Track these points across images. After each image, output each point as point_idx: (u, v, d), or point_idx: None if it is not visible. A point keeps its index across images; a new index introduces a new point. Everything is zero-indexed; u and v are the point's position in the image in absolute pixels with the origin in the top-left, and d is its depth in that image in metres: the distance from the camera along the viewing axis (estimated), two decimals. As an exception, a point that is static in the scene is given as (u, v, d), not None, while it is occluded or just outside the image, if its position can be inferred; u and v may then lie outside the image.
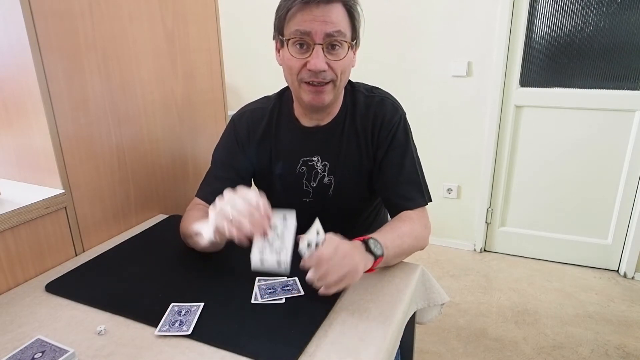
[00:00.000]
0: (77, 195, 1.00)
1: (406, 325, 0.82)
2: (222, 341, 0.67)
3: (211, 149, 1.07)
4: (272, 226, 0.74)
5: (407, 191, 0.97)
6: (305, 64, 0.86)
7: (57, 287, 0.85)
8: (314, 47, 0.85)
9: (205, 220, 0.83)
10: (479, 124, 2.36)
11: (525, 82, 2.25)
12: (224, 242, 0.84)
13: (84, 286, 0.85)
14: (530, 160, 2.34)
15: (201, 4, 1.33)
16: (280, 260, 0.70)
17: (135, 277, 0.87)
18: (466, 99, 2.34)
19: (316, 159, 1.00)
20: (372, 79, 1.11)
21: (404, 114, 1.01)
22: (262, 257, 0.70)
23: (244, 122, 1.04)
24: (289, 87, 1.01)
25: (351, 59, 0.91)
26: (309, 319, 0.72)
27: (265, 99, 1.08)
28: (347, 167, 1.00)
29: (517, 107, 2.28)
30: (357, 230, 0.82)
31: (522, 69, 2.23)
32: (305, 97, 0.90)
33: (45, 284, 0.86)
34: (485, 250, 2.56)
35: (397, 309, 0.77)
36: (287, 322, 0.72)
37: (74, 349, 0.66)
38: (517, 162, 2.37)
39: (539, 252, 2.44)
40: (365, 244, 0.79)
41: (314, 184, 1.02)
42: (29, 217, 0.89)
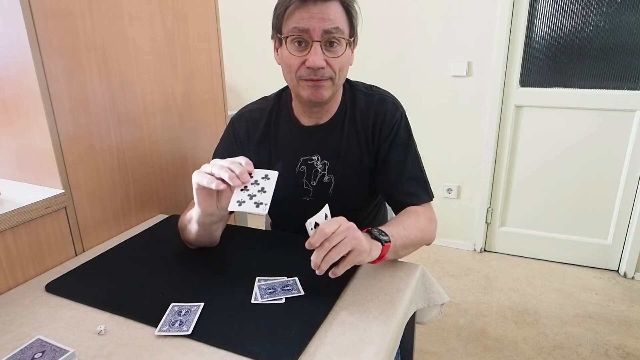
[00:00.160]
0: (77, 195, 1.00)
1: (406, 325, 0.82)
2: (222, 341, 0.67)
3: (211, 149, 1.07)
4: (254, 182, 0.74)
5: (411, 188, 0.97)
6: (303, 62, 0.87)
7: (57, 287, 0.85)
8: (312, 45, 0.85)
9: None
10: (479, 124, 2.36)
11: (525, 82, 2.25)
12: (212, 220, 0.84)
13: (84, 286, 0.84)
14: (530, 160, 2.34)
15: (201, 4, 1.33)
16: (259, 201, 0.71)
17: (135, 277, 0.87)
18: (466, 99, 2.34)
19: (316, 157, 1.00)
20: (372, 79, 1.11)
21: (404, 112, 1.01)
22: (240, 200, 0.71)
23: (243, 123, 1.04)
24: (287, 87, 1.01)
25: (349, 56, 0.92)
26: (309, 319, 0.72)
27: (263, 99, 1.08)
28: (347, 166, 1.00)
29: (517, 107, 2.28)
30: (358, 228, 0.82)
31: (522, 69, 2.23)
32: (304, 93, 0.90)
33: (45, 284, 0.85)
34: (485, 250, 2.56)
35: (397, 309, 0.77)
36: (287, 322, 0.71)
37: (74, 349, 0.66)
38: (517, 162, 2.37)
39: (539, 252, 2.45)
40: (369, 233, 0.80)
41: (314, 183, 1.02)
42: (29, 217, 0.89)
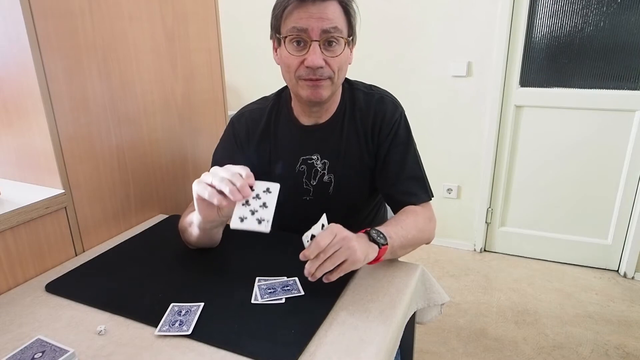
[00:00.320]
0: (77, 195, 1.00)
1: (406, 325, 0.82)
2: (222, 341, 0.67)
3: (211, 149, 1.07)
4: (255, 195, 0.74)
5: (410, 187, 0.98)
6: (302, 61, 0.87)
7: (57, 287, 0.85)
8: (310, 44, 0.85)
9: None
10: (478, 124, 2.36)
11: (525, 82, 2.25)
12: (213, 225, 0.84)
13: (84, 286, 0.84)
14: (530, 160, 2.34)
15: (201, 4, 1.33)
16: (261, 217, 0.70)
17: (135, 277, 0.87)
18: (466, 99, 2.34)
19: (316, 157, 1.00)
20: (372, 79, 1.11)
21: (404, 111, 1.01)
22: (242, 216, 0.70)
23: (243, 123, 1.04)
24: (287, 87, 1.01)
25: (348, 55, 0.92)
26: (309, 319, 0.72)
27: (263, 99, 1.08)
28: (347, 165, 1.00)
29: (517, 107, 2.28)
30: (358, 227, 0.83)
31: (522, 69, 2.23)
32: (303, 92, 0.91)
33: (45, 284, 0.85)
34: (485, 250, 2.56)
35: (397, 309, 0.77)
36: (287, 322, 0.71)
37: (74, 349, 0.66)
38: (517, 162, 2.37)
39: (539, 252, 2.44)
40: (367, 235, 0.80)
41: (314, 183, 1.02)
42: (29, 217, 0.89)
